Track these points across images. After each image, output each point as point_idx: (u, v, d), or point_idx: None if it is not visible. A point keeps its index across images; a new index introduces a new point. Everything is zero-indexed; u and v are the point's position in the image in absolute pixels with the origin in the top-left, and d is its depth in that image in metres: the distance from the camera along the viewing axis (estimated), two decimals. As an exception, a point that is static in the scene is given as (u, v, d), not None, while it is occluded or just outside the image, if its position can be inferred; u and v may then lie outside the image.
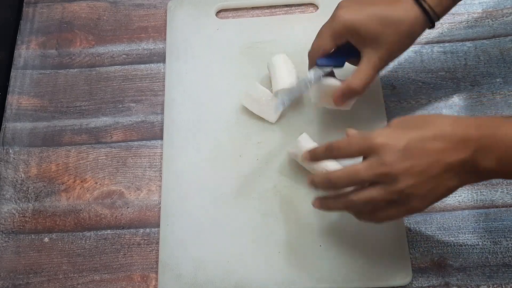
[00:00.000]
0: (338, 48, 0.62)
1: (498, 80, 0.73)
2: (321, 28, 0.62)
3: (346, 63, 0.64)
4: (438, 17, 0.59)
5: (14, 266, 0.66)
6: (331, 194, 0.56)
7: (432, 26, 0.60)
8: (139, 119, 0.74)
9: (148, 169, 0.71)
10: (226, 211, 0.67)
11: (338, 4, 0.61)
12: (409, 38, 0.60)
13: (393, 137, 0.50)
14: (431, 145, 0.49)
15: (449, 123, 0.50)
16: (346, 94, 0.61)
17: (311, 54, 0.63)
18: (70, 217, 0.69)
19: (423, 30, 0.60)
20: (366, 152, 0.51)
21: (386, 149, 0.49)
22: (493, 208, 0.66)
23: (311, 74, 0.63)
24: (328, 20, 0.62)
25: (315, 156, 0.57)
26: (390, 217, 0.54)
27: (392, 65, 0.75)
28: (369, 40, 0.59)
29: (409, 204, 0.51)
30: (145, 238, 0.67)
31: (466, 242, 0.64)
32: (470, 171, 0.50)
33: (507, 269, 0.63)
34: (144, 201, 0.69)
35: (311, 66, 0.64)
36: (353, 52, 0.61)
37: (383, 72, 0.74)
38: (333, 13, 0.61)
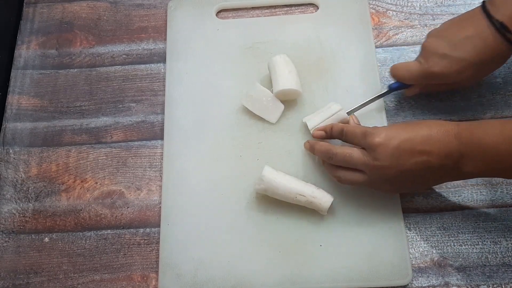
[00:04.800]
0: None
1: (498, 80, 0.73)
2: (411, 64, 0.66)
3: None
4: None
5: (14, 266, 0.66)
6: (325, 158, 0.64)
7: None
8: (139, 119, 0.74)
9: (148, 169, 0.71)
10: (226, 211, 0.67)
11: (429, 38, 0.65)
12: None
13: (387, 137, 0.57)
14: (419, 147, 0.56)
15: (434, 129, 0.56)
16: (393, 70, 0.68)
17: (393, 75, 0.68)
18: (70, 217, 0.69)
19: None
20: (365, 147, 0.59)
21: (381, 148, 0.57)
22: (493, 208, 0.66)
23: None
24: (420, 59, 0.65)
25: (326, 133, 0.65)
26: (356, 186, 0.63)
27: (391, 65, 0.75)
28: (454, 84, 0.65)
29: (384, 190, 0.62)
30: (145, 238, 0.67)
31: (466, 242, 0.64)
32: (449, 172, 0.57)
33: (507, 269, 0.63)
34: (144, 201, 0.69)
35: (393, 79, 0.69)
36: None
37: (383, 72, 0.74)
38: (424, 51, 0.64)
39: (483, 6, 0.62)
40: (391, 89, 0.69)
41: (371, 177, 0.59)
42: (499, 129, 0.54)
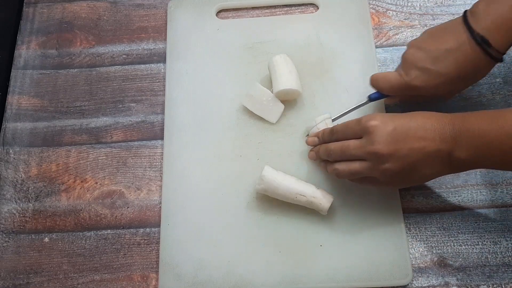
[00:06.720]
0: None
1: (498, 80, 0.73)
2: (390, 75, 0.64)
3: None
4: (503, 54, 0.60)
5: (14, 266, 0.66)
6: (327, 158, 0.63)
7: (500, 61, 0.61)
8: (139, 119, 0.74)
9: (148, 169, 0.71)
10: (227, 211, 0.67)
11: (410, 49, 0.63)
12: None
13: (383, 121, 0.56)
14: (414, 133, 0.55)
15: (428, 116, 0.56)
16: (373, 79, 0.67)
17: (373, 85, 0.67)
18: (70, 217, 0.69)
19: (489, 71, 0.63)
20: (360, 133, 0.58)
21: (377, 131, 0.56)
22: (493, 208, 0.66)
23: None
24: (399, 71, 0.63)
25: (321, 139, 0.65)
26: (360, 183, 0.62)
27: (392, 65, 0.75)
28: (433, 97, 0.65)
29: (383, 182, 0.58)
30: (145, 238, 0.67)
31: (466, 242, 0.64)
32: (445, 161, 0.55)
33: (507, 269, 0.63)
34: (144, 201, 0.69)
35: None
36: None
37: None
38: (404, 63, 0.63)
39: (464, 17, 0.60)
40: (370, 99, 0.68)
41: (369, 165, 0.57)
42: (490, 116, 0.54)
